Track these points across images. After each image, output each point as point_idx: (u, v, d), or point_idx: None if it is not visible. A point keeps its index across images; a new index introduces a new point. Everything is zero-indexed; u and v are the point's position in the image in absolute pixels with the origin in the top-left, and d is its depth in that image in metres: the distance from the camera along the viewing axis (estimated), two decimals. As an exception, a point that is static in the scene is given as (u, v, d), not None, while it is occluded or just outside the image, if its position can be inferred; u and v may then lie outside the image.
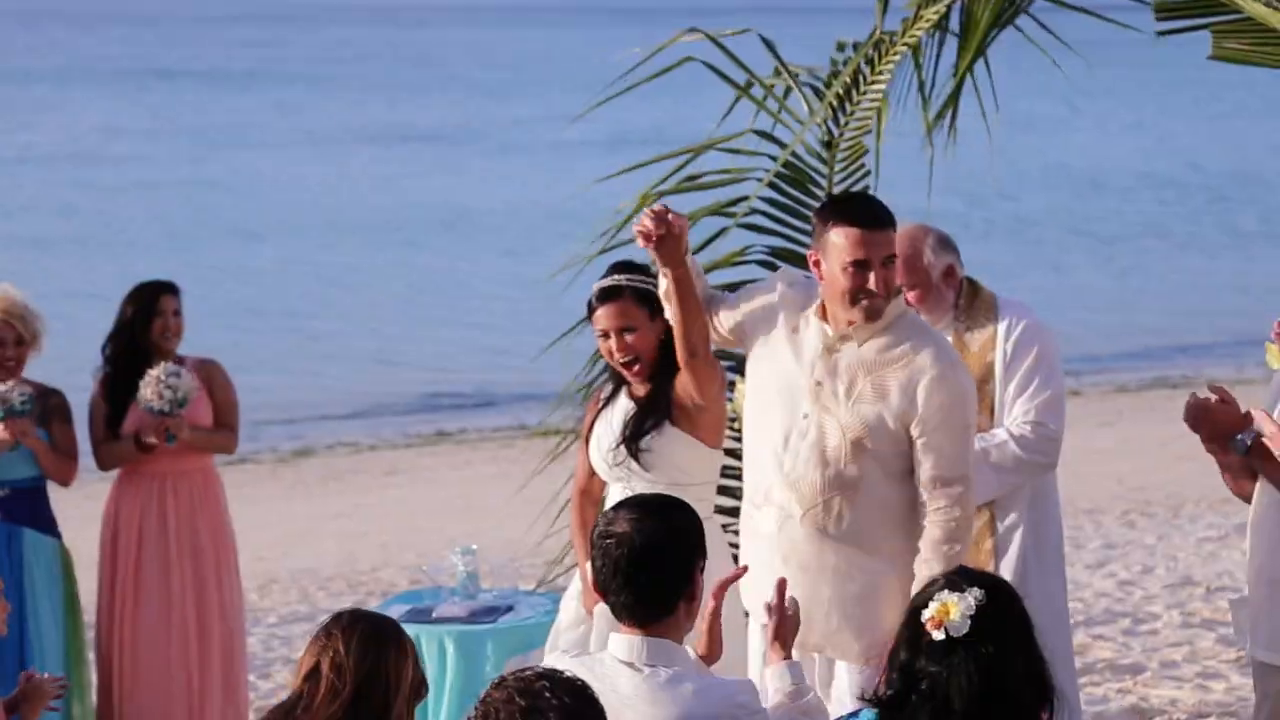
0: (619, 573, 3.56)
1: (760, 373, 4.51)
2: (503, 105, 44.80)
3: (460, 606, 5.61)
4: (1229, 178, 30.01)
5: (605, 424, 5.07)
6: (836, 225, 4.32)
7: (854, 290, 4.29)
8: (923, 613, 3.23)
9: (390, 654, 3.34)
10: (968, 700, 3.16)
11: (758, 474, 4.47)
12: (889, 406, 4.32)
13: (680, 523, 3.65)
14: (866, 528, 4.34)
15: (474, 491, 12.31)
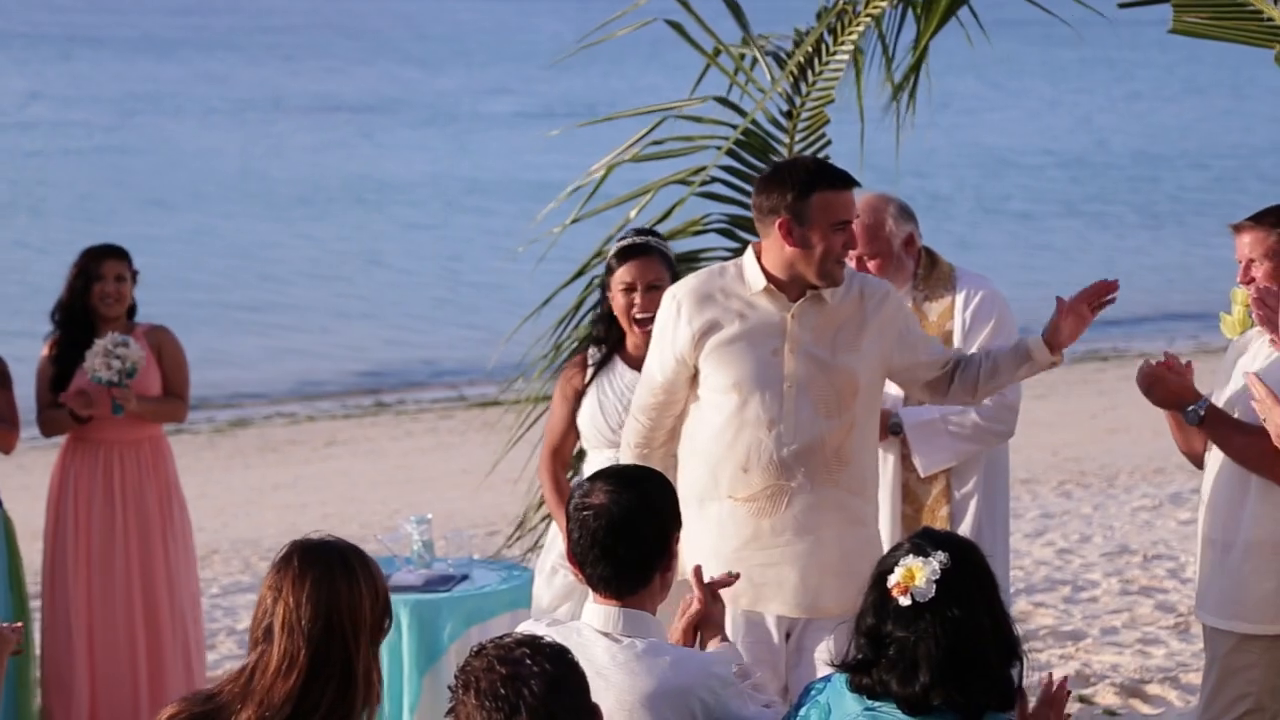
0: (596, 544, 3.56)
1: (720, 375, 4.48)
2: (432, 76, 44.51)
3: (415, 575, 5.62)
4: (1137, 157, 30.23)
5: (604, 391, 5.17)
6: (824, 188, 4.40)
7: (839, 250, 4.41)
8: (888, 578, 3.23)
9: (343, 596, 3.15)
10: (935, 664, 3.17)
11: (736, 470, 4.47)
12: (863, 345, 4.45)
13: (656, 494, 3.66)
14: (862, 470, 4.49)
15: (414, 462, 12.28)
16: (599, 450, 5.18)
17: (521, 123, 34.42)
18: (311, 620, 3.13)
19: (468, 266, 21.67)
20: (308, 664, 3.13)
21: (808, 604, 4.45)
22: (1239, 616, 4.52)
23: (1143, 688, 6.74)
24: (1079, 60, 39.87)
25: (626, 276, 5.12)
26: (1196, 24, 5.65)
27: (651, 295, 5.06)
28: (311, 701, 3.12)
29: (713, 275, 4.57)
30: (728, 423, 4.48)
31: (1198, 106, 36.20)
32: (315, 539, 3.25)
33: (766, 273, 4.46)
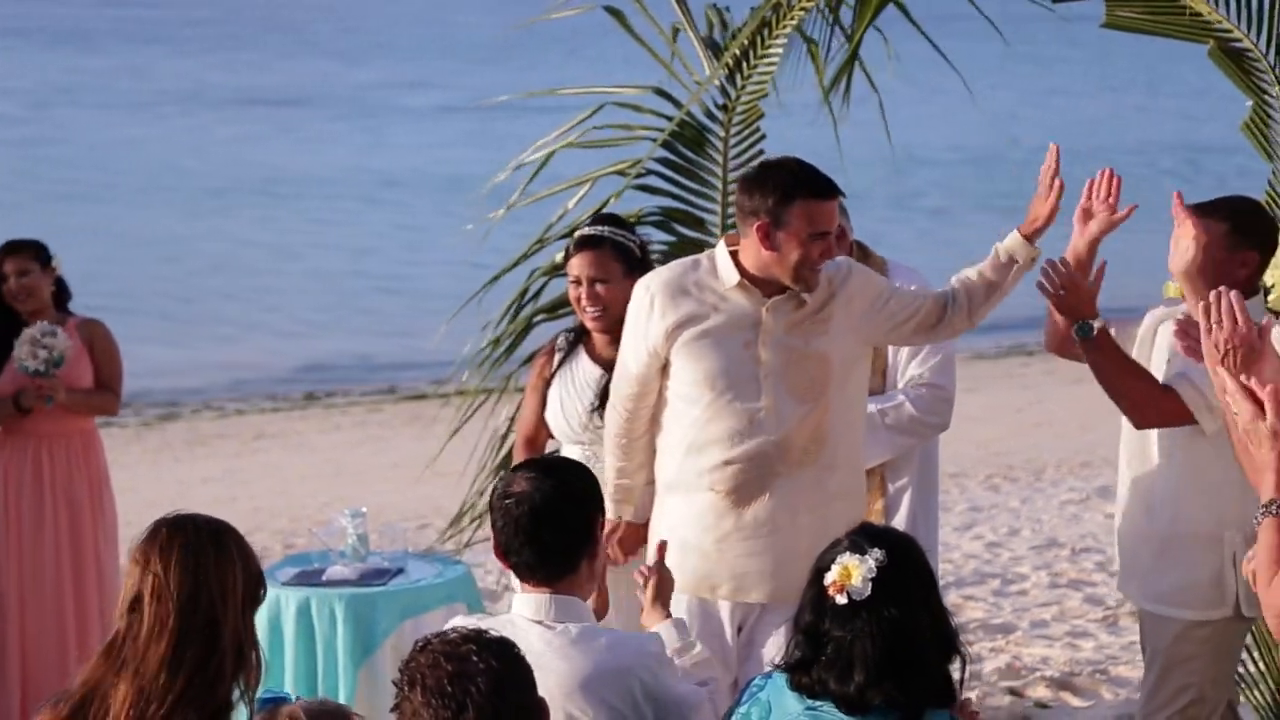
0: (521, 531, 3.57)
1: (694, 368, 4.50)
2: (352, 69, 44.25)
3: (350, 569, 5.58)
4: (1039, 152, 30.32)
5: (566, 386, 5.13)
6: (805, 196, 4.39)
7: (814, 260, 4.41)
8: (825, 576, 3.22)
9: (212, 564, 3.13)
10: (871, 664, 3.16)
11: (718, 465, 4.48)
12: (831, 327, 4.47)
13: (577, 481, 3.69)
14: (844, 444, 4.52)
15: (344, 456, 12.22)
16: (568, 447, 5.14)
17: (443, 116, 34.29)
18: (179, 585, 3.12)
19: (385, 260, 21.56)
20: (176, 629, 3.12)
21: (790, 589, 4.44)
22: (1184, 604, 4.57)
23: (1073, 680, 6.80)
24: (1000, 56, 40.21)
25: (575, 269, 5.04)
26: (1129, 18, 5.70)
27: (598, 289, 5.00)
28: (177, 662, 3.11)
29: (686, 268, 4.57)
30: (705, 415, 4.49)
31: (1111, 103, 36.53)
32: (181, 514, 3.27)
33: (742, 269, 4.47)
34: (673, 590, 3.99)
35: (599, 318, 5.02)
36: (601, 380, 5.03)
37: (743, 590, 4.51)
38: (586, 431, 5.05)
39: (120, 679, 3.14)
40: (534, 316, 6.23)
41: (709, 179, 6.27)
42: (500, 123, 30.87)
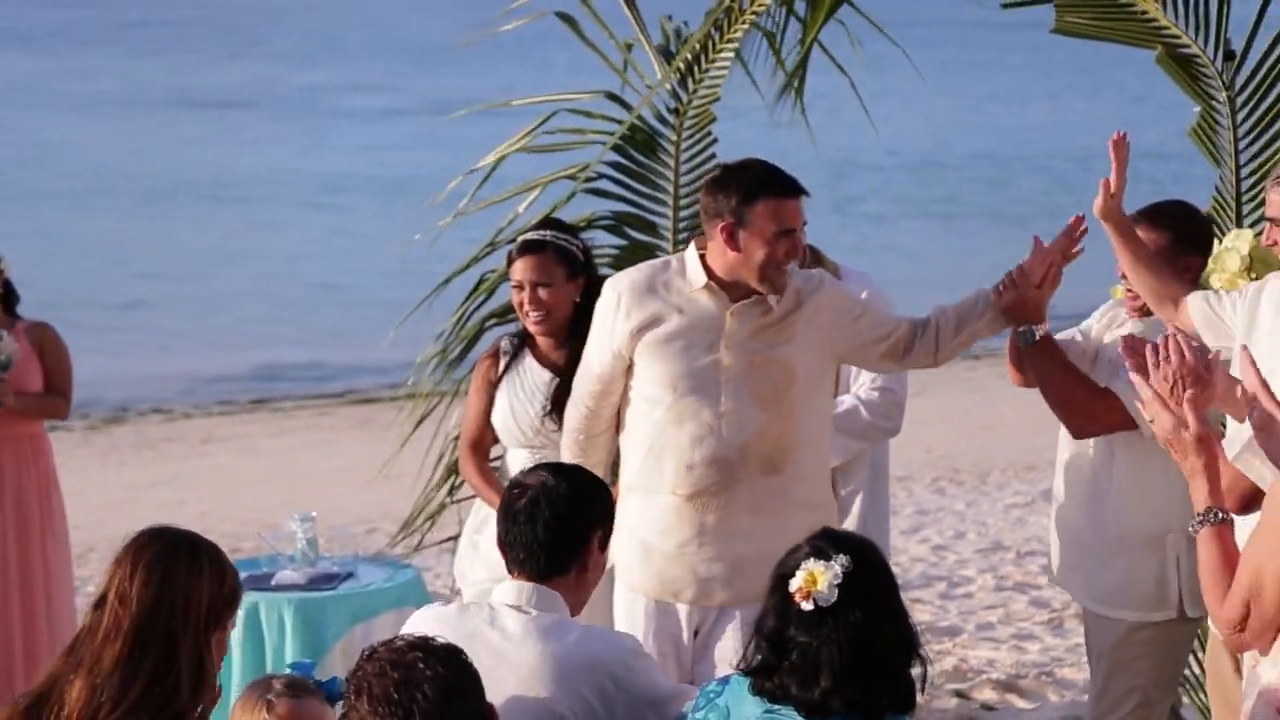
0: (519, 521, 3.62)
1: (657, 370, 4.50)
2: (297, 71, 44.04)
3: (300, 573, 5.57)
4: (988, 159, 30.53)
5: (514, 390, 5.11)
6: (768, 196, 4.39)
7: (780, 259, 4.40)
8: (790, 582, 3.23)
9: (180, 577, 3.16)
10: (837, 669, 3.17)
11: (679, 467, 4.48)
12: (796, 335, 4.46)
13: (588, 489, 3.73)
14: (808, 455, 4.51)
15: (292, 460, 12.17)
16: (515, 450, 5.14)
17: (389, 119, 34.16)
18: (142, 589, 3.14)
19: (331, 264, 21.43)
20: (132, 633, 3.13)
21: (751, 594, 4.45)
22: (1126, 605, 4.60)
23: (1019, 683, 6.85)
24: (942, 61, 40.36)
25: (517, 274, 5.06)
26: (1079, 24, 5.74)
27: (540, 293, 5.01)
28: (132, 670, 3.12)
29: (655, 269, 4.58)
30: (667, 418, 4.49)
31: (1050, 109, 36.71)
32: (166, 526, 3.29)
33: (710, 272, 4.47)
34: None
35: (541, 321, 5.02)
36: (551, 384, 5.03)
37: (705, 595, 4.51)
38: (538, 435, 5.05)
39: (77, 676, 3.14)
40: (485, 321, 6.22)
41: (661, 183, 6.27)
42: (448, 126, 30.75)
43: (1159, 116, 32.49)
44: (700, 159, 6.25)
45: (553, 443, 5.00)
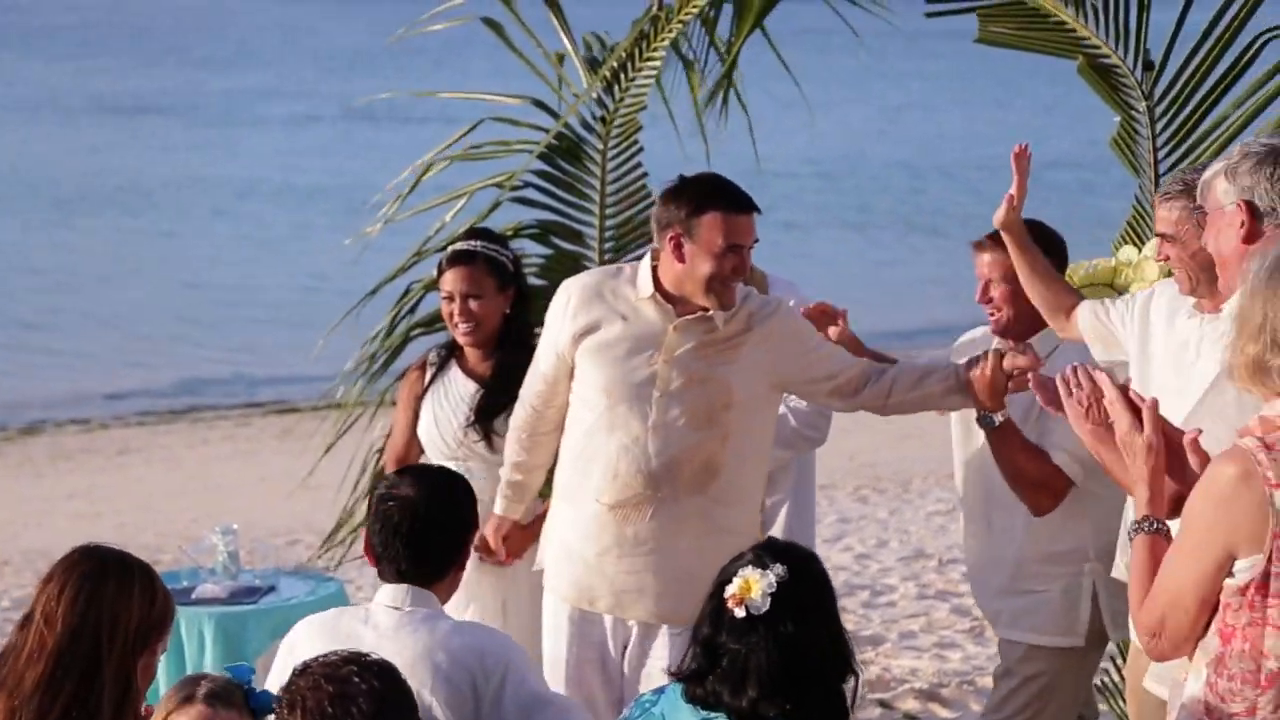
0: (395, 535, 3.62)
1: (593, 375, 4.48)
2: (217, 78, 43.70)
3: (220, 587, 5.50)
4: (901, 167, 30.71)
5: (439, 402, 5.08)
6: (716, 209, 4.36)
7: (725, 274, 4.37)
8: (726, 589, 3.23)
9: (108, 597, 3.11)
10: (764, 678, 3.16)
11: (605, 475, 4.46)
12: (740, 357, 4.42)
13: (460, 495, 3.75)
14: (738, 480, 4.46)
15: (212, 470, 12.05)
16: (439, 462, 5.05)
17: (308, 125, 33.96)
18: (68, 610, 3.10)
19: (250, 271, 21.25)
20: (54, 654, 3.09)
21: (667, 611, 4.45)
22: (1035, 630, 4.61)
23: (940, 692, 6.88)
24: (862, 70, 40.60)
25: (447, 285, 5.01)
26: (1002, 34, 5.78)
27: (470, 304, 4.97)
28: (53, 692, 3.07)
29: (607, 274, 4.56)
30: (599, 425, 4.46)
31: (965, 117, 37.02)
32: (99, 545, 3.25)
33: (658, 283, 4.44)
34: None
35: (471, 333, 4.99)
36: (476, 395, 5.00)
37: (620, 606, 4.48)
38: (461, 447, 5.02)
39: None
40: (411, 330, 6.17)
41: (587, 192, 6.25)
42: (366, 133, 30.58)
43: (1071, 125, 32.90)
44: (626, 168, 6.24)
45: (475, 454, 4.97)
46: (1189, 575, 2.98)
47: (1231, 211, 3.61)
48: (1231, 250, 3.63)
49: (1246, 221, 3.59)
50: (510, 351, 4.96)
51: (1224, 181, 3.63)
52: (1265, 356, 2.95)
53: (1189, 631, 3.01)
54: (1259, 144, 3.63)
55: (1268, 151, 3.59)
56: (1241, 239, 3.60)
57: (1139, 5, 5.64)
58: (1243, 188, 3.59)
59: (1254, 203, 3.59)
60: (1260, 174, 3.58)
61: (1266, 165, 3.57)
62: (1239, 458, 2.94)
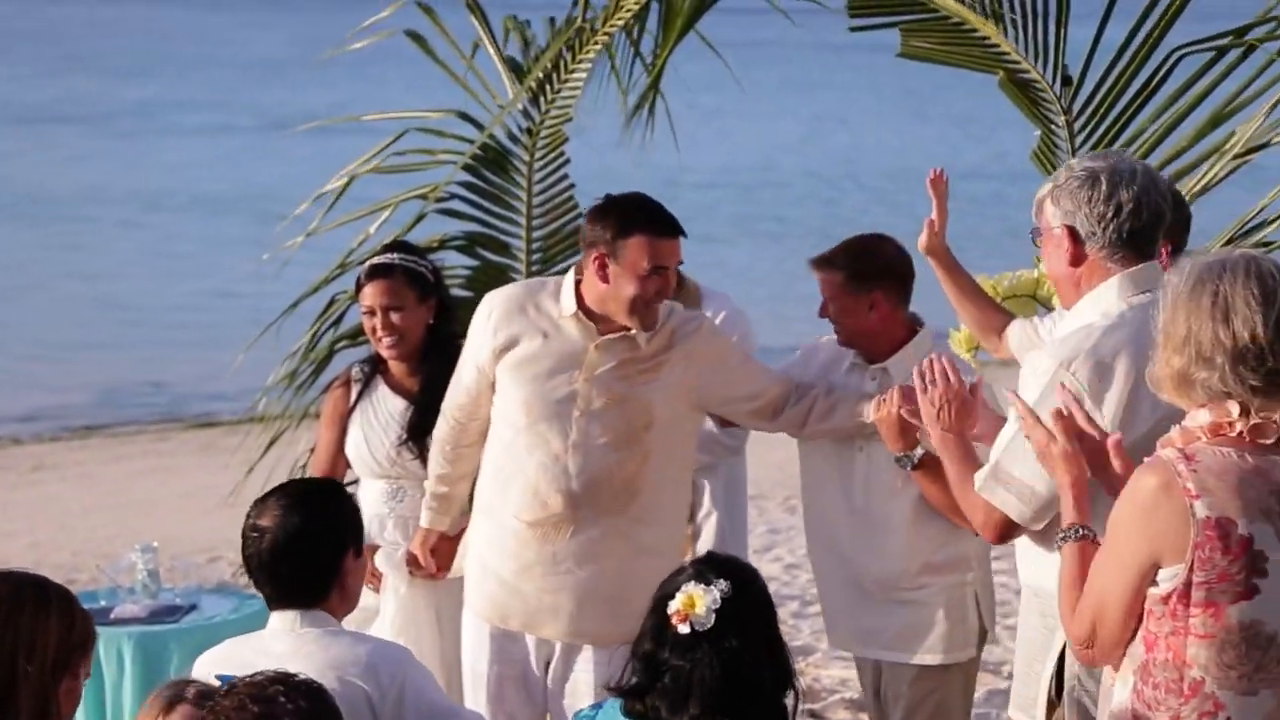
0: (261, 566, 3.55)
1: (513, 392, 4.46)
2: (128, 87, 43.27)
3: (140, 606, 5.42)
4: (811, 178, 30.80)
5: (368, 420, 5.02)
6: (641, 232, 4.34)
7: (648, 296, 4.35)
8: (669, 604, 3.21)
9: (25, 620, 3.05)
10: (708, 693, 3.15)
11: (526, 492, 4.43)
12: (661, 376, 4.39)
13: (326, 516, 3.60)
14: (657, 500, 4.42)
15: (129, 487, 11.89)
16: (370, 480, 5.04)
17: (222, 135, 33.70)
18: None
19: (163, 283, 21.00)
20: None
21: (585, 631, 4.43)
22: (927, 650, 4.52)
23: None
24: (782, 82, 40.81)
25: (368, 299, 4.96)
26: (924, 48, 5.83)
27: (392, 317, 4.92)
28: None
29: (531, 289, 4.54)
30: (518, 442, 4.45)
31: (880, 130, 37.24)
32: (12, 569, 3.19)
33: (581, 300, 4.42)
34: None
35: (394, 346, 4.95)
36: (406, 412, 4.95)
37: (535, 625, 4.47)
38: (394, 466, 4.97)
39: None
40: (335, 344, 6.13)
41: (514, 203, 6.24)
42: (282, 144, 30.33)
43: (986, 136, 33.18)
44: (553, 179, 6.24)
45: (409, 473, 4.93)
46: (1115, 585, 3.01)
47: (1058, 234, 3.65)
48: (1062, 272, 3.68)
49: (1069, 246, 3.64)
50: (436, 364, 4.91)
51: (1050, 204, 3.68)
52: (1190, 369, 2.98)
53: (1118, 639, 3.04)
54: (1081, 167, 3.67)
55: (1087, 176, 3.63)
56: (1068, 262, 3.65)
57: (1057, 22, 5.71)
58: (1066, 211, 3.64)
59: (1075, 228, 3.63)
60: (1080, 198, 3.62)
61: (1086, 190, 3.61)
62: (1159, 469, 2.97)
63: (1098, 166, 3.64)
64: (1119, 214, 3.60)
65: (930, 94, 39.06)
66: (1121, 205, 3.60)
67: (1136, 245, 3.63)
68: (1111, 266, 3.63)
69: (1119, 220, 3.60)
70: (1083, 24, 5.78)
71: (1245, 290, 2.95)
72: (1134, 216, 3.61)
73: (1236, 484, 2.93)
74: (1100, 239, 3.61)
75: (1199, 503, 2.93)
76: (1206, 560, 2.92)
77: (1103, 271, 3.63)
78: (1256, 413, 2.96)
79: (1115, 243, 3.61)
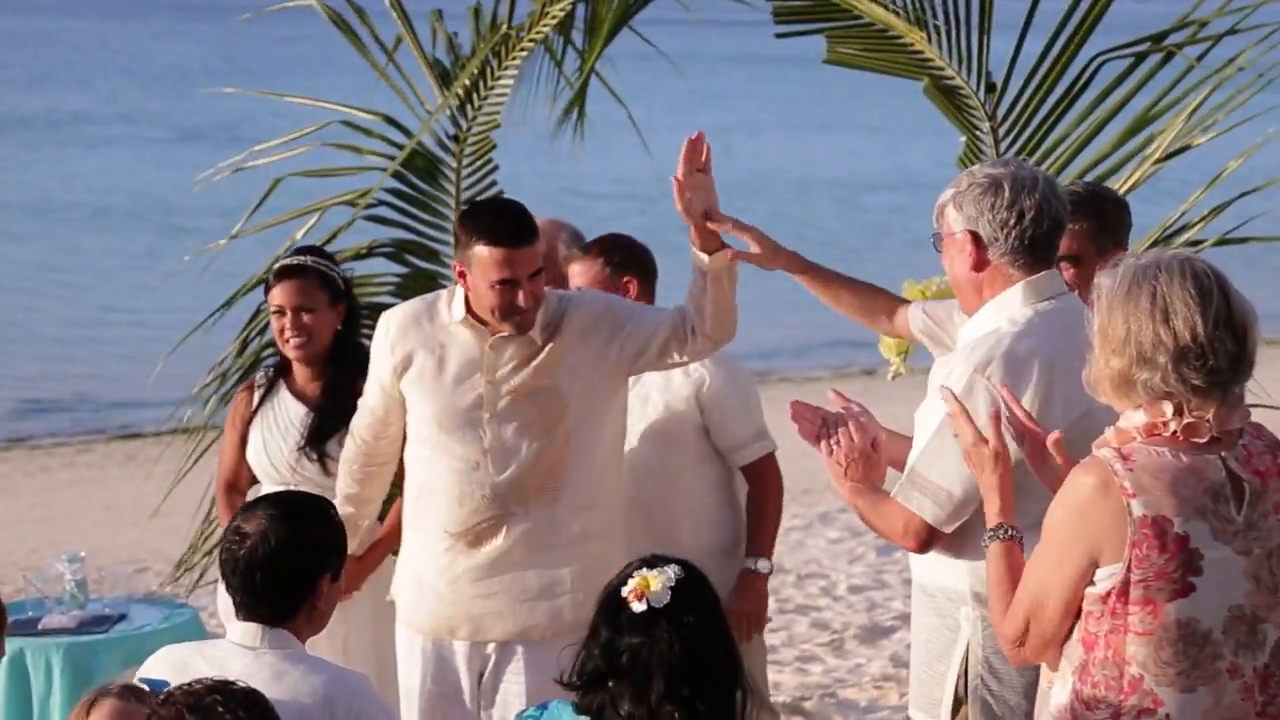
0: (239, 573, 3.48)
1: (421, 407, 4.42)
2: (51, 98, 42.78)
3: (68, 617, 5.36)
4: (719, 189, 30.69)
5: (268, 426, 4.99)
6: (481, 243, 4.28)
7: (503, 307, 4.30)
8: (622, 589, 3.21)
9: None
10: (670, 670, 3.14)
11: (449, 505, 4.40)
12: (571, 361, 4.35)
13: (313, 529, 3.54)
14: (586, 482, 4.38)
15: (52, 499, 11.74)
16: (270, 488, 4.97)
17: (135, 144, 33.36)
18: None
19: (92, 293, 20.76)
20: None
21: (530, 626, 4.41)
22: None
23: (803, 705, 6.92)
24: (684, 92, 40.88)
25: (278, 299, 4.92)
26: (850, 55, 5.86)
27: (303, 317, 4.88)
28: None
29: (426, 303, 4.50)
30: (435, 456, 4.41)
31: (788, 138, 37.34)
32: None
33: (469, 305, 4.39)
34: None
35: (302, 347, 4.91)
36: (307, 419, 4.93)
37: (481, 631, 4.44)
38: (294, 474, 4.93)
39: None
40: (263, 351, 6.07)
41: (442, 210, 6.21)
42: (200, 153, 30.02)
43: (893, 146, 33.39)
44: (482, 186, 6.22)
45: (308, 480, 4.88)
46: (1052, 583, 3.02)
47: (960, 239, 3.69)
48: (964, 277, 3.72)
49: (972, 251, 3.68)
50: (340, 370, 4.91)
51: (953, 209, 3.71)
52: (1130, 370, 3.00)
53: (1052, 637, 3.06)
54: (983, 173, 3.71)
55: (990, 183, 3.67)
56: (971, 267, 3.69)
57: (980, 29, 5.77)
58: (968, 217, 3.68)
59: (978, 233, 3.67)
60: (983, 204, 3.66)
61: (989, 196, 3.66)
62: (1097, 468, 2.99)
63: (999, 174, 3.68)
64: (1021, 221, 3.64)
65: (840, 104, 39.21)
66: (1024, 213, 3.64)
67: (1037, 252, 3.68)
68: (1014, 273, 3.68)
69: (1021, 227, 3.65)
70: (1005, 34, 5.84)
71: (1183, 290, 2.97)
72: (1035, 224, 3.65)
73: (1171, 483, 2.96)
74: (1003, 245, 3.66)
75: (1135, 501, 2.95)
76: (1144, 558, 2.95)
77: (1005, 278, 3.68)
78: (1191, 412, 2.98)
79: (1017, 249, 3.66)
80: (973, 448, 3.23)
